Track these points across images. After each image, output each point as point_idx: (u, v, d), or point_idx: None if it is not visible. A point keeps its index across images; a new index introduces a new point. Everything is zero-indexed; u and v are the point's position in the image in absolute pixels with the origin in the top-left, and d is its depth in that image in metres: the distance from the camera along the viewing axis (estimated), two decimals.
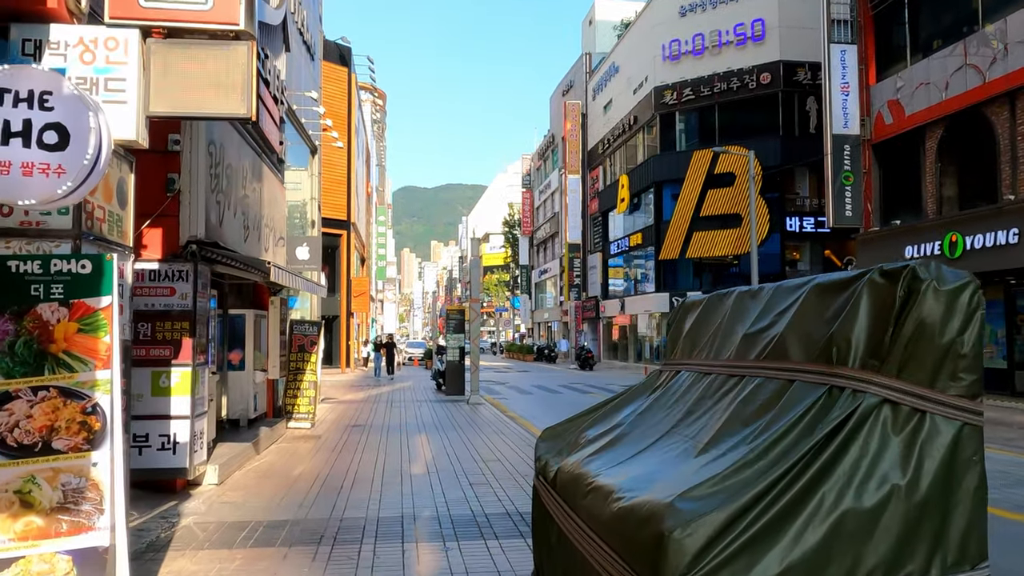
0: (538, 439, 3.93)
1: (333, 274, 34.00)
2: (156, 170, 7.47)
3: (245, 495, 7.39)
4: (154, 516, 6.47)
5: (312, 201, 17.91)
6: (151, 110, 5.01)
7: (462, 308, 20.98)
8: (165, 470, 7.27)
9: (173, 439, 7.27)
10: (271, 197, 11.42)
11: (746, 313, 2.96)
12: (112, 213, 4.87)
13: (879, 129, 20.74)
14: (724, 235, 34.36)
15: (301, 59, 15.91)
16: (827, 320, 2.32)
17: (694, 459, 2.46)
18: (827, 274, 2.55)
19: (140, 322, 7.28)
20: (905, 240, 19.15)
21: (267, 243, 11.12)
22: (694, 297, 3.77)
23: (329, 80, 32.04)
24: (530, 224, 67.21)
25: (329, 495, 7.37)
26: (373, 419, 14.23)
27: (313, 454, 10.07)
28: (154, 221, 7.42)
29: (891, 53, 20.83)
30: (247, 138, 9.75)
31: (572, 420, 3.89)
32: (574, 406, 17.30)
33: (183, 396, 7.32)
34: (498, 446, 10.68)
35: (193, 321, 7.37)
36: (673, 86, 36.89)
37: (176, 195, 7.52)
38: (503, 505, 6.94)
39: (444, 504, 6.97)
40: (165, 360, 7.31)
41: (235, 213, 9.00)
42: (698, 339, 3.34)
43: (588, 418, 3.77)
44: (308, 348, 13.20)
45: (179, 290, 7.37)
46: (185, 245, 7.49)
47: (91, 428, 3.57)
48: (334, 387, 23.00)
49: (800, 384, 2.29)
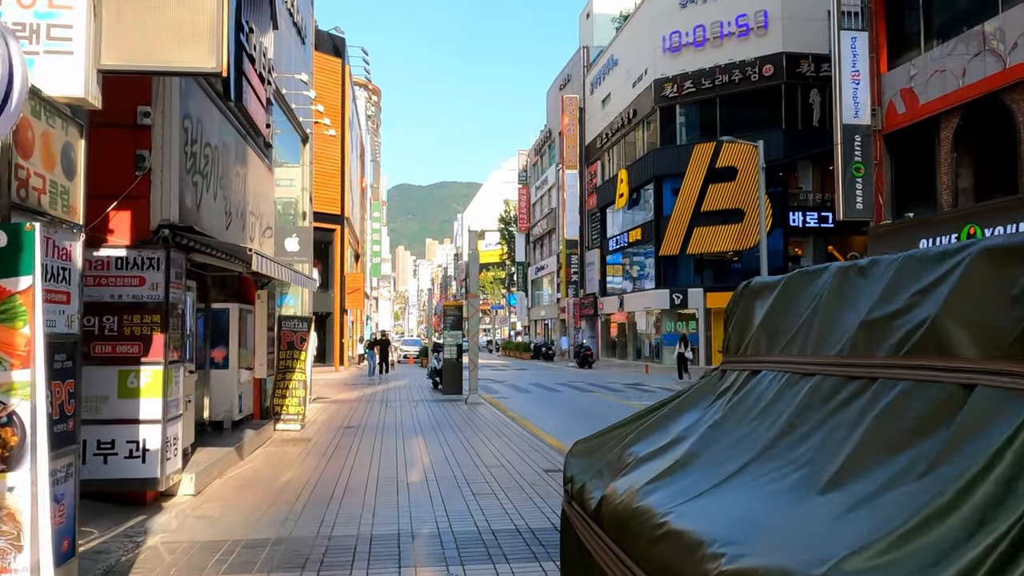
0: (568, 454, 3.19)
1: (326, 270, 33.19)
2: (123, 146, 6.72)
3: (223, 508, 6.63)
4: (117, 534, 5.71)
5: (303, 192, 17.12)
6: (103, 63, 4.26)
7: (459, 304, 20.23)
8: (133, 480, 6.51)
9: (142, 446, 6.51)
10: (257, 183, 10.65)
11: (857, 294, 2.22)
12: (55, 184, 4.11)
13: (891, 119, 20.05)
14: (725, 230, 33.68)
15: (291, 41, 15.13)
16: (1018, 298, 1.59)
17: (819, 496, 1.72)
18: (998, 237, 1.82)
19: (105, 315, 6.52)
20: (919, 233, 18.46)
21: (252, 232, 10.35)
22: (761, 280, 3.03)
23: (322, 71, 31.25)
24: (526, 220, 66.44)
25: (317, 508, 6.62)
26: (367, 420, 13.48)
27: (302, 459, 9.32)
28: (121, 203, 6.66)
29: (903, 40, 20.13)
30: (230, 116, 8.99)
31: (609, 432, 3.16)
32: (576, 405, 16.65)
33: (154, 398, 6.56)
34: (500, 449, 9.95)
35: (165, 314, 6.61)
36: (674, 78, 36.16)
37: (146, 174, 6.75)
38: (511, 519, 6.20)
39: (445, 518, 6.23)
40: (133, 358, 6.55)
41: (215, 197, 8.23)
42: (780, 329, 2.60)
43: (630, 429, 3.03)
44: (298, 345, 12.45)
45: (149, 279, 6.60)
46: (156, 230, 6.73)
47: (5, 443, 2.82)
48: (327, 386, 22.24)
49: (986, 391, 1.57)
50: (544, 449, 9.97)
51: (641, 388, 21.99)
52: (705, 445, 2.38)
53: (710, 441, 2.39)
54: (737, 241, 33.34)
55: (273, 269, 7.79)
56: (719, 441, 2.35)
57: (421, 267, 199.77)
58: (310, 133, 17.47)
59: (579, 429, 12.47)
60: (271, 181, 11.88)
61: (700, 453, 2.34)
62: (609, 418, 14.41)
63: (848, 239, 33.42)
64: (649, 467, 2.44)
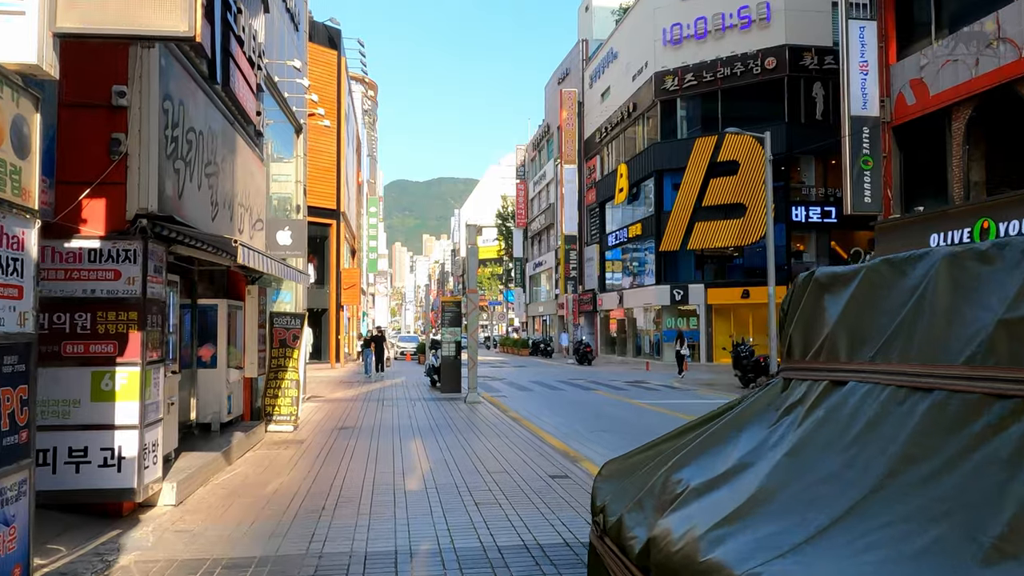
0: (598, 477, 2.70)
1: (322, 265, 32.66)
2: (97, 129, 6.20)
3: (206, 520, 6.13)
4: (87, 552, 5.20)
5: (297, 184, 16.59)
6: (59, 25, 3.75)
7: (458, 300, 19.70)
8: (108, 491, 6.00)
9: (118, 453, 6.00)
10: (247, 173, 10.13)
11: (982, 286, 1.74)
12: (4, 163, 3.60)
13: (900, 110, 19.56)
14: (727, 225, 33.21)
15: (283, 26, 14.60)
16: None
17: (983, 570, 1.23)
18: None
19: (77, 312, 6.01)
20: (930, 227, 17.98)
21: (241, 224, 9.83)
22: (830, 271, 2.53)
23: (317, 63, 30.67)
24: (524, 216, 65.88)
25: (308, 520, 6.12)
26: (363, 420, 12.97)
27: (293, 464, 8.82)
28: (95, 190, 6.14)
29: (913, 29, 19.63)
30: (216, 101, 8.46)
31: (647, 450, 2.67)
32: (579, 404, 16.13)
33: (130, 401, 6.05)
34: (503, 452, 9.46)
35: (143, 310, 6.10)
36: (674, 71, 35.65)
37: (122, 159, 6.23)
38: (517, 533, 5.71)
39: (446, 532, 5.74)
40: (108, 358, 6.04)
41: (200, 186, 7.71)
42: (867, 330, 2.11)
43: (672, 447, 2.54)
44: (290, 343, 11.94)
45: (125, 273, 6.09)
46: (133, 219, 6.21)
47: None
48: (322, 384, 21.72)
49: None
50: (548, 452, 9.48)
51: (643, 386, 21.51)
52: (782, 478, 1.89)
53: (788, 473, 1.90)
54: (739, 236, 32.87)
55: (262, 263, 7.28)
56: (802, 474, 1.85)
57: (418, 263, 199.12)
58: (304, 124, 16.93)
59: (584, 430, 12.01)
60: (263, 172, 11.36)
61: (778, 489, 1.85)
62: (614, 417, 13.94)
63: (851, 234, 32.97)
64: (709, 503, 1.95)
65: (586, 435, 11.49)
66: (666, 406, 15.69)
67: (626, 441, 10.75)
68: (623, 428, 12.34)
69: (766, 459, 2.02)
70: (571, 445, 10.39)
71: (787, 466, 1.92)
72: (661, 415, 14.13)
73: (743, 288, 33.47)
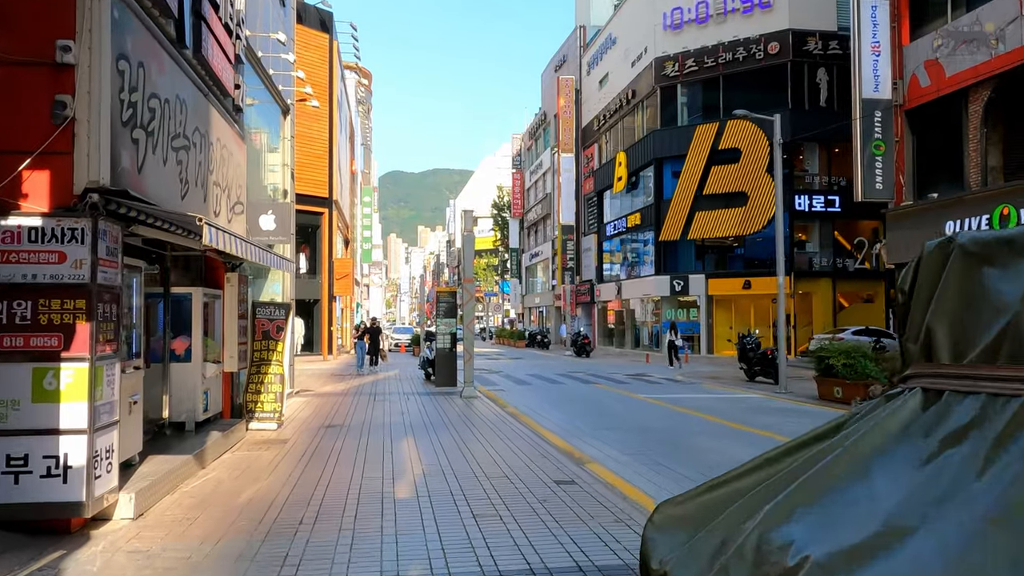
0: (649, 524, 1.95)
1: (314, 255, 31.84)
2: (38, 89, 5.41)
3: (166, 538, 5.37)
4: None
5: (284, 167, 15.77)
6: None
7: (453, 290, 18.94)
8: (52, 505, 5.23)
9: (63, 462, 5.24)
10: (224, 150, 9.33)
11: None
12: None
13: (913, 93, 18.80)
14: (729, 214, 32.49)
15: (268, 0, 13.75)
16: None
17: None
18: None
19: (15, 300, 5.23)
20: (945, 214, 17.26)
21: (217, 205, 9.03)
22: (984, 236, 1.78)
23: (308, 47, 29.79)
24: (521, 206, 65.04)
25: (282, 538, 5.36)
26: (352, 417, 12.22)
27: (274, 467, 8.06)
28: (36, 160, 5.35)
29: (928, 8, 18.85)
30: (187, 68, 7.65)
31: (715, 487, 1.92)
32: (580, 399, 15.33)
33: (78, 402, 5.28)
34: (502, 453, 8.72)
35: (91, 298, 5.32)
36: (675, 57, 34.85)
37: (69, 125, 5.44)
38: (522, 554, 4.97)
39: (440, 554, 4.98)
40: (52, 353, 5.26)
41: (165, 160, 6.91)
42: None
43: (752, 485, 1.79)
44: (274, 335, 11.16)
45: (71, 255, 5.30)
46: (82, 194, 5.42)
47: None
48: (313, 377, 20.95)
49: None
50: (551, 453, 8.74)
51: (645, 379, 20.80)
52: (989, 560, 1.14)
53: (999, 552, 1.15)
54: (741, 225, 32.16)
55: (234, 245, 6.50)
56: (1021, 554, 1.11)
57: (413, 254, 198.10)
58: (291, 104, 16.10)
59: (588, 428, 11.25)
60: (243, 150, 10.55)
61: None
62: (619, 413, 13.11)
63: (855, 224, 32.30)
64: None
65: (591, 433, 10.75)
66: (672, 401, 14.96)
67: (636, 441, 10.01)
68: (630, 426, 11.61)
69: (942, 521, 1.28)
70: (575, 445, 9.65)
71: (995, 539, 1.18)
72: (669, 411, 13.41)
73: (744, 279, 32.78)
